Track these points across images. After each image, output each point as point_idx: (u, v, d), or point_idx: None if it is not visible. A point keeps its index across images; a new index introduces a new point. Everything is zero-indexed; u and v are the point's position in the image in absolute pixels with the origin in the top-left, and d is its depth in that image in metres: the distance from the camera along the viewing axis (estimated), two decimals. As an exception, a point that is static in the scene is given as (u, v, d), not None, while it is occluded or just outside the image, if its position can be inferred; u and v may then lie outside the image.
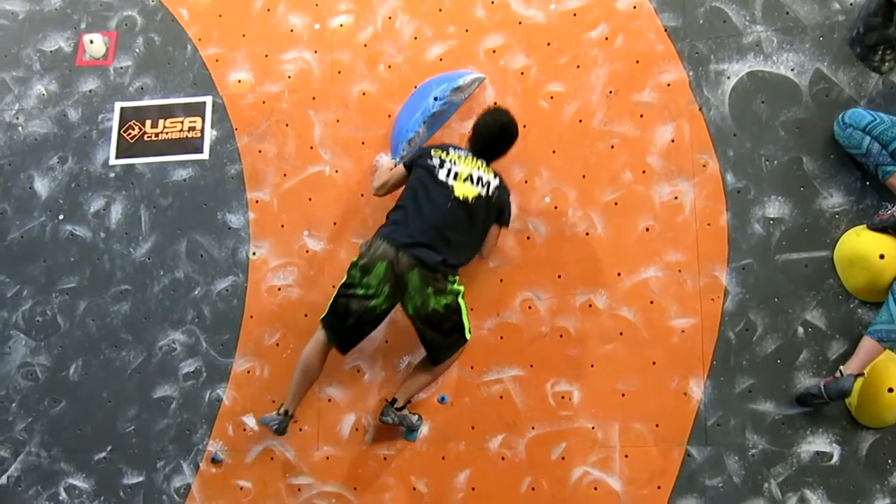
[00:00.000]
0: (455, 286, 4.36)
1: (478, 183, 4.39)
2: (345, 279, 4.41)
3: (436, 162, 4.41)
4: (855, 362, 4.18)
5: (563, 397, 4.63)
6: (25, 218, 5.39)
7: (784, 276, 4.52)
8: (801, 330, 4.46)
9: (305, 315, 4.94)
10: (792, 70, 4.70)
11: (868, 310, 4.39)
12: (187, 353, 5.05)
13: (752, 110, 4.70)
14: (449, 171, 4.39)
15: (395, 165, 4.66)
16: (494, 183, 4.43)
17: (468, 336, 4.46)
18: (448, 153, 4.45)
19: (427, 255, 4.22)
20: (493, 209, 4.45)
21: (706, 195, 4.66)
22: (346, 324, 4.37)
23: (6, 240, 5.37)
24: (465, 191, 4.35)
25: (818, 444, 4.35)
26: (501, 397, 4.69)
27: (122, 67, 5.53)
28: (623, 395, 4.57)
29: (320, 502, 4.76)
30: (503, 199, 4.49)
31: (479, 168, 4.42)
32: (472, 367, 4.73)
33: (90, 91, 5.53)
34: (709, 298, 4.56)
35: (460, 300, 4.39)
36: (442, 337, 4.39)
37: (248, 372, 4.96)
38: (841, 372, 4.19)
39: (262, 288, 5.05)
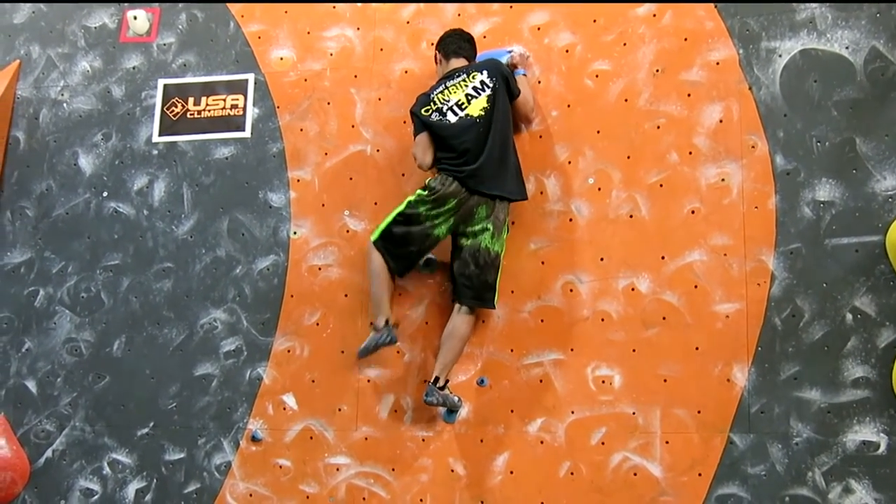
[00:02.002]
0: (504, 240, 4.80)
1: (477, 93, 4.77)
2: (403, 208, 4.77)
3: (434, 117, 4.81)
4: None
5: (603, 382, 4.82)
6: (70, 194, 5.74)
7: (833, 261, 4.62)
8: (849, 316, 4.57)
9: (346, 295, 5.21)
10: (846, 48, 4.79)
11: (920, 296, 4.50)
12: (228, 331, 5.36)
13: (804, 90, 4.80)
14: (451, 111, 4.77)
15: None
16: (486, 78, 4.78)
17: (496, 304, 4.81)
18: (434, 101, 4.83)
19: (491, 185, 4.68)
20: (504, 100, 4.79)
21: (754, 177, 4.79)
22: (407, 250, 4.79)
23: (52, 216, 5.73)
24: (476, 108, 4.74)
25: (865, 433, 4.47)
26: (541, 381, 4.90)
27: (165, 44, 5.84)
28: (665, 380, 4.74)
29: (358, 482, 5.03)
30: (499, 74, 4.80)
31: (465, 84, 4.79)
32: (511, 350, 4.95)
33: (133, 68, 5.85)
34: (755, 283, 4.69)
35: (502, 259, 4.78)
36: (480, 282, 4.73)
37: (289, 351, 5.26)
38: None
39: (302, 267, 5.32)
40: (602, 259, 4.92)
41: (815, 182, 4.72)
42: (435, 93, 4.90)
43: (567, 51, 5.19)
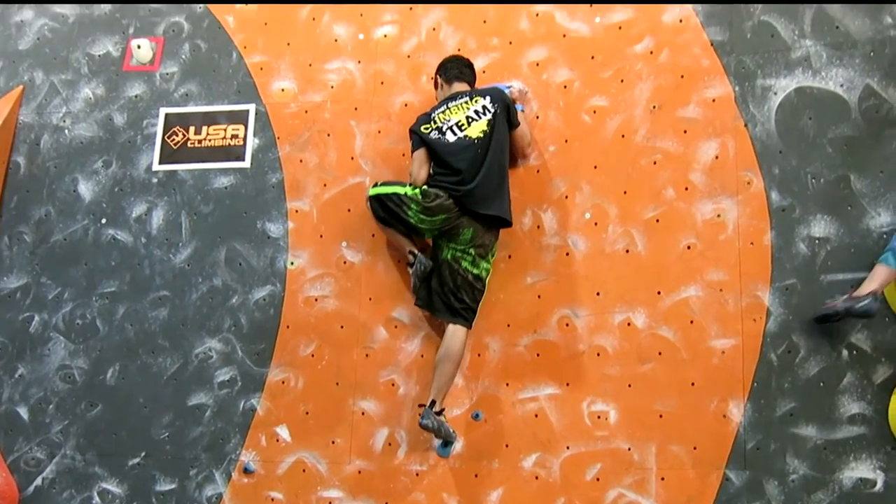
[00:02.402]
0: (489, 264, 4.86)
1: (479, 116, 4.85)
2: (402, 194, 4.83)
3: (434, 135, 4.88)
4: (873, 283, 4.37)
5: (599, 417, 4.81)
6: (69, 221, 5.76)
7: (829, 298, 4.63)
8: (845, 353, 4.58)
9: (342, 327, 5.22)
10: (841, 86, 4.86)
11: (916, 334, 4.52)
12: (223, 361, 5.35)
13: (799, 127, 4.86)
14: (451, 130, 4.85)
15: None
16: (488, 104, 4.87)
17: (471, 325, 4.85)
18: (435, 121, 4.91)
19: (484, 206, 4.74)
20: (503, 126, 4.87)
21: (750, 213, 4.83)
22: (394, 220, 4.89)
23: (49, 242, 5.75)
24: (475, 130, 4.81)
25: (861, 470, 4.46)
26: (536, 415, 4.89)
27: (167, 73, 5.91)
28: (661, 416, 4.73)
29: (351, 515, 4.99)
30: (502, 101, 4.89)
31: (467, 107, 4.88)
32: (507, 384, 4.95)
33: (136, 96, 5.91)
34: (750, 319, 4.71)
35: (487, 283, 4.86)
36: (456, 300, 4.79)
37: (283, 382, 5.24)
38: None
39: (299, 298, 5.33)
40: (598, 294, 4.94)
41: (810, 218, 4.76)
42: (436, 112, 4.96)
43: (565, 87, 5.24)
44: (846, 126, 4.81)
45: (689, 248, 4.85)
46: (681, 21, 5.14)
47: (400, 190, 4.87)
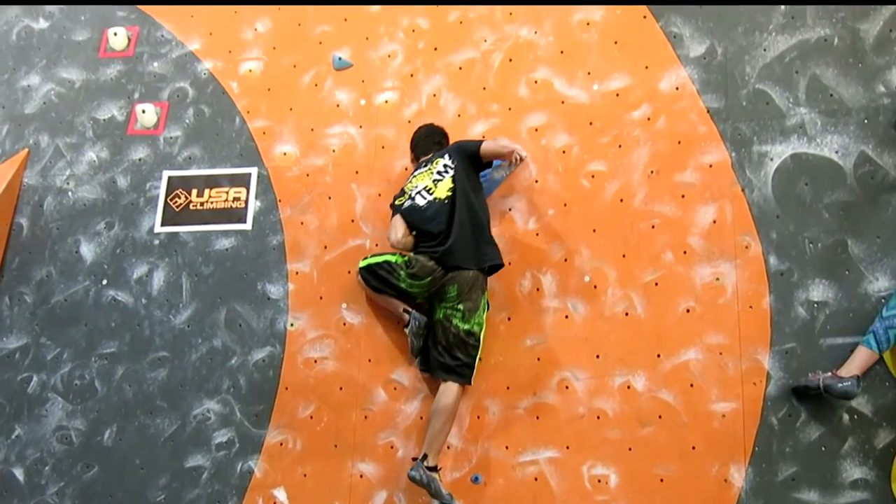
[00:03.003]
0: (482, 318, 4.84)
1: (441, 176, 4.94)
2: (393, 261, 4.97)
3: (406, 204, 5.00)
4: (854, 365, 4.38)
5: (599, 481, 4.76)
6: (70, 282, 5.78)
7: (828, 362, 4.62)
8: (846, 417, 4.56)
9: (341, 388, 5.19)
10: (836, 152, 4.92)
11: (915, 398, 4.50)
12: (221, 422, 5.31)
13: (796, 192, 4.91)
14: (420, 195, 4.95)
15: None
16: (447, 161, 4.97)
17: (471, 381, 4.84)
18: (406, 191, 5.05)
19: (463, 261, 4.78)
20: (467, 175, 4.95)
21: (748, 277, 4.85)
22: (388, 290, 5.01)
23: (50, 302, 5.75)
24: (442, 191, 4.90)
25: (863, 537, 4.41)
26: (536, 479, 4.83)
27: (171, 137, 5.98)
28: (661, 480, 4.69)
29: (348, 580, 4.91)
30: (458, 152, 4.99)
31: (431, 171, 4.99)
32: (506, 447, 4.90)
33: (140, 159, 5.97)
34: (751, 382, 4.70)
35: (482, 338, 4.84)
36: (450, 358, 4.79)
37: (281, 444, 5.20)
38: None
39: (298, 359, 5.32)
40: (598, 356, 4.93)
41: (808, 282, 4.78)
42: (407, 184, 5.10)
43: (564, 151, 5.31)
44: (842, 192, 4.86)
45: (688, 311, 4.86)
46: (677, 88, 5.22)
47: (390, 258, 4.99)
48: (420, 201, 4.96)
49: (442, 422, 4.73)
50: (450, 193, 4.89)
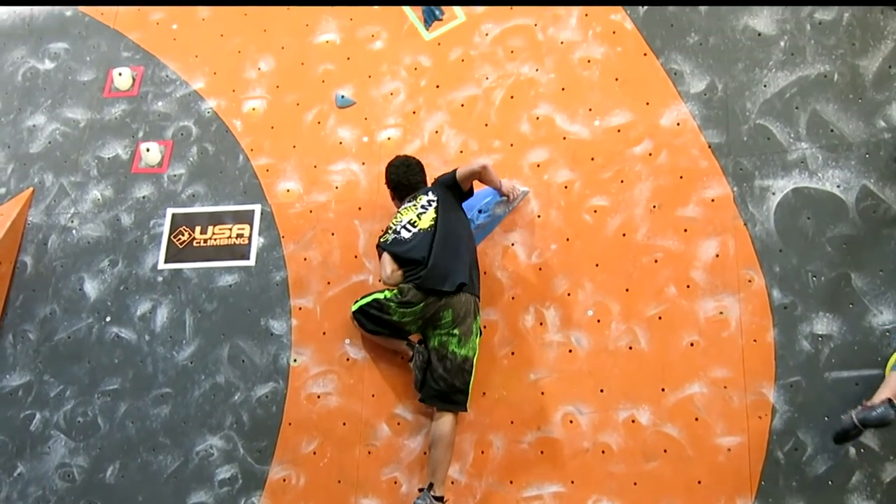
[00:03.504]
0: (475, 343, 4.87)
1: (425, 209, 5.00)
2: (381, 298, 4.98)
3: (391, 238, 5.04)
4: (887, 390, 4.27)
5: (604, 516, 4.74)
6: (73, 319, 5.79)
7: (834, 395, 4.62)
8: (853, 451, 4.53)
9: (344, 424, 5.17)
10: (838, 186, 4.95)
11: (922, 432, 4.48)
12: (224, 458, 5.29)
13: (798, 226, 4.94)
14: (405, 228, 4.99)
15: None
16: (431, 196, 5.06)
17: (466, 408, 4.85)
18: (391, 227, 5.09)
19: (445, 282, 4.80)
20: (449, 205, 5.04)
21: (752, 311, 4.85)
22: (383, 329, 5.03)
23: (53, 340, 5.76)
24: (426, 221, 4.97)
25: (872, 572, 4.37)
26: (541, 514, 4.81)
27: (175, 175, 6.02)
28: (667, 515, 4.67)
29: None
30: (440, 185, 5.10)
31: (416, 206, 5.05)
32: (511, 482, 4.87)
33: (143, 197, 6.01)
34: (756, 416, 4.69)
35: (475, 363, 4.85)
36: (447, 385, 4.78)
37: (284, 480, 5.17)
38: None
39: (301, 395, 5.30)
40: (602, 390, 4.93)
41: (812, 316, 4.78)
42: (392, 221, 5.14)
43: (566, 187, 5.34)
44: (845, 225, 4.88)
45: (692, 345, 4.86)
46: (678, 124, 5.27)
47: (378, 296, 5.02)
48: (405, 234, 5.00)
49: (443, 450, 4.73)
50: (432, 223, 4.96)
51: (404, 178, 5.24)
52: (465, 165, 5.08)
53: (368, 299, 5.05)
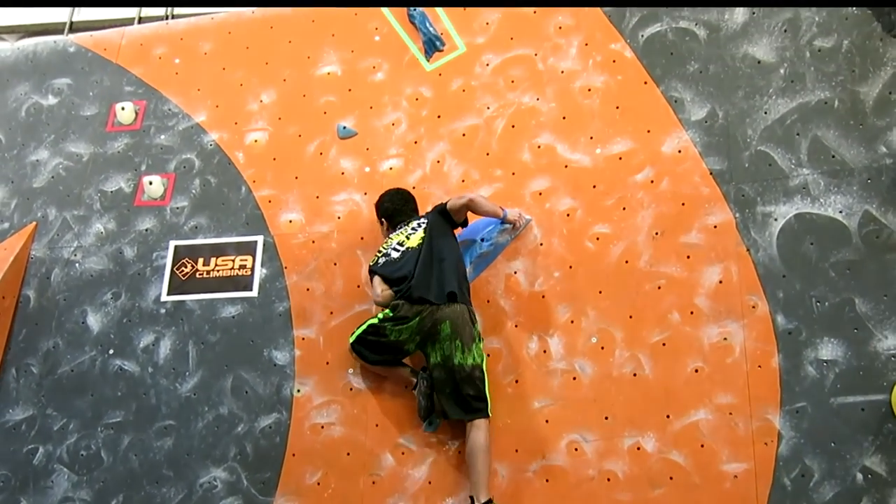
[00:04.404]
0: (480, 349, 4.94)
1: (415, 230, 5.21)
2: (376, 322, 5.08)
3: (381, 261, 5.22)
4: None
5: (611, 545, 4.74)
6: (76, 352, 5.82)
7: (840, 420, 4.64)
8: (860, 476, 4.54)
9: (348, 454, 5.20)
10: (840, 212, 5.01)
11: (929, 456, 4.50)
12: (228, 490, 5.29)
13: (801, 252, 4.98)
14: (394, 249, 5.18)
15: None
16: (421, 220, 5.26)
17: (489, 413, 4.88)
18: (381, 251, 5.28)
19: (431, 290, 4.96)
20: (439, 227, 5.18)
21: (756, 336, 4.88)
22: (382, 356, 5.12)
23: (56, 373, 5.79)
24: (415, 241, 5.15)
25: None
26: (548, 544, 4.82)
27: (178, 207, 6.10)
28: (675, 543, 4.67)
29: None
30: (434, 216, 5.24)
31: (406, 229, 5.25)
32: (517, 512, 4.92)
33: (146, 230, 6.08)
34: (762, 442, 4.70)
35: (485, 368, 4.93)
36: (462, 397, 4.85)
37: (288, 512, 5.21)
38: None
39: (305, 426, 5.33)
40: (607, 418, 4.95)
41: (816, 341, 4.81)
42: (382, 245, 5.33)
43: (568, 214, 5.40)
44: (848, 251, 4.92)
45: (696, 371, 4.89)
46: (679, 151, 5.33)
47: (373, 321, 5.11)
48: (394, 255, 5.17)
49: (481, 460, 4.77)
50: (420, 242, 5.10)
51: (400, 205, 5.39)
52: (455, 198, 5.19)
53: (364, 326, 5.14)
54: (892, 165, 5.00)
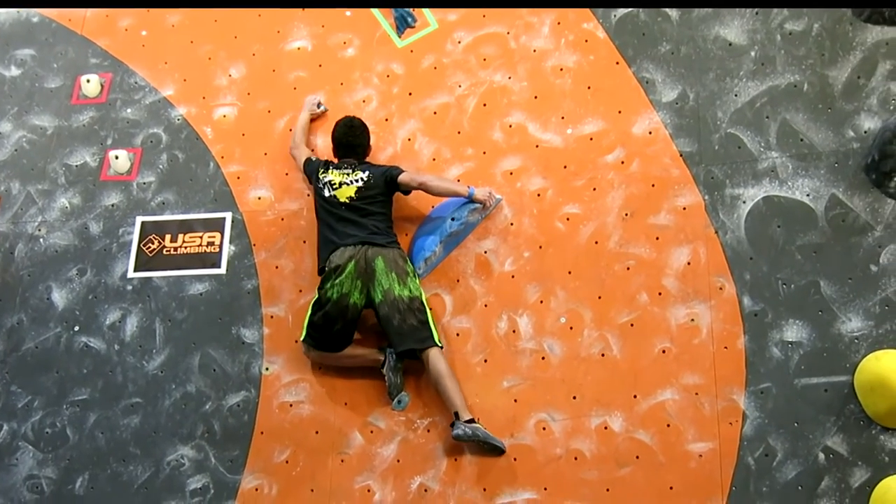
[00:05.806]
0: (416, 284, 5.21)
1: (350, 185, 5.30)
2: (316, 297, 5.18)
3: (320, 185, 5.37)
4: None
5: (577, 523, 4.86)
6: (41, 328, 5.84)
7: (803, 401, 4.78)
8: (822, 456, 4.69)
9: (317, 432, 5.27)
10: (807, 195, 5.13)
11: (891, 436, 4.63)
12: (195, 468, 5.36)
13: (768, 234, 5.10)
14: (329, 185, 5.33)
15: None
16: (364, 175, 5.32)
17: (440, 343, 5.10)
18: (327, 171, 5.42)
19: (371, 238, 5.17)
20: (379, 188, 5.32)
21: (723, 318, 5.01)
22: (334, 330, 5.13)
23: (21, 350, 5.80)
24: (345, 193, 5.28)
25: (842, 576, 4.53)
26: (514, 522, 4.92)
27: (144, 183, 6.11)
28: (640, 521, 4.79)
29: None
30: (380, 174, 5.34)
31: (347, 174, 5.35)
32: (484, 489, 4.99)
33: (112, 205, 6.09)
34: (727, 422, 4.83)
35: (425, 301, 5.18)
36: (409, 327, 5.04)
37: (256, 490, 5.25)
38: None
39: (273, 404, 5.40)
40: (575, 397, 5.06)
41: (782, 323, 4.94)
42: (326, 168, 5.47)
43: (539, 195, 5.48)
44: (814, 234, 5.04)
45: (663, 352, 5.01)
46: (650, 133, 5.42)
47: (312, 300, 5.25)
48: (326, 192, 5.34)
49: (450, 384, 4.96)
50: (346, 201, 5.29)
51: (344, 138, 5.54)
52: (411, 173, 5.35)
53: (308, 313, 5.24)
54: (860, 149, 5.11)
